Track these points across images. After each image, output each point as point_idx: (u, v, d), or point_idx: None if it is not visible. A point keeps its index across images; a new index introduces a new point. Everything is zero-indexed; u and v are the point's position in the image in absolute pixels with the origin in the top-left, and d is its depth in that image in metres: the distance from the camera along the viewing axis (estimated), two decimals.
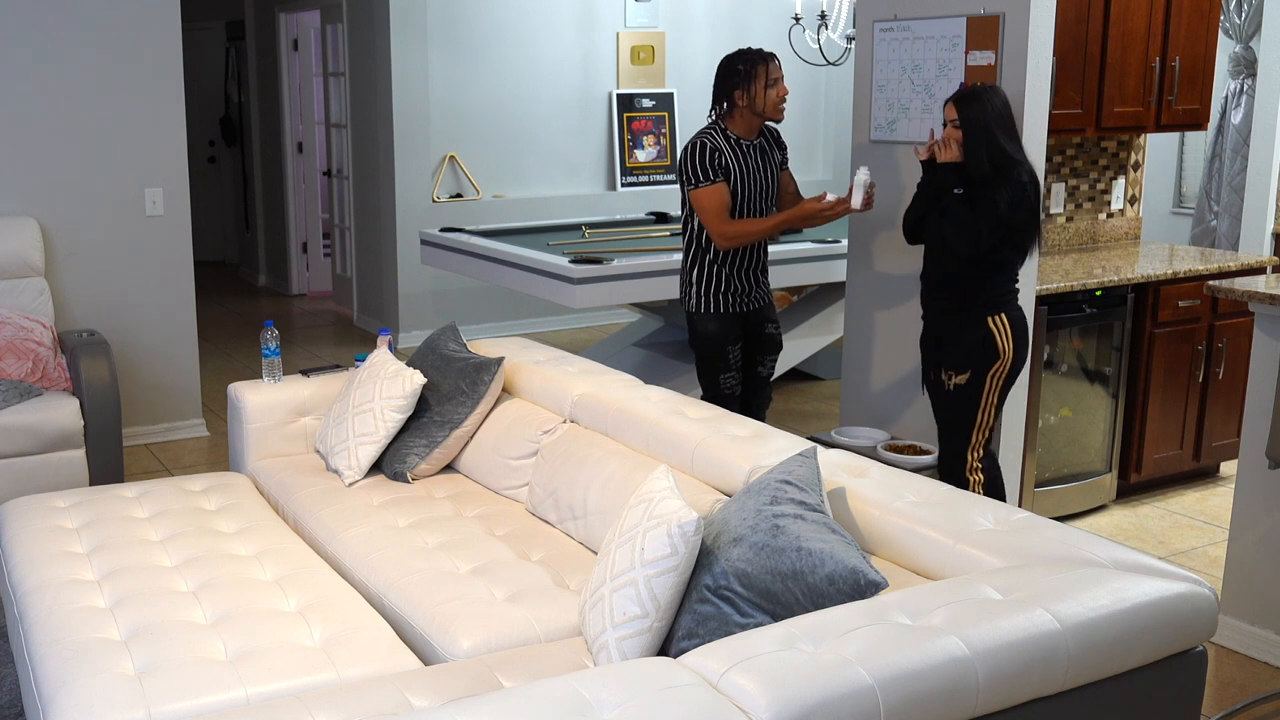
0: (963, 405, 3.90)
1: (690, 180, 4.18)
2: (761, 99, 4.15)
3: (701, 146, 4.15)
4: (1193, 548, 4.56)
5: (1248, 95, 7.51)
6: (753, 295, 4.34)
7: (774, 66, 4.16)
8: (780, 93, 4.17)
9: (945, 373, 3.94)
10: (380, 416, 3.67)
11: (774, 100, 4.16)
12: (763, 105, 4.15)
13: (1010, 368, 3.87)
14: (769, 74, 4.14)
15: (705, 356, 4.33)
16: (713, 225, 4.15)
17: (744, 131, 4.22)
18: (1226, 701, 3.45)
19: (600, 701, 1.81)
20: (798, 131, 9.12)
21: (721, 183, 4.14)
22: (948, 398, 3.95)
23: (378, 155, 8.07)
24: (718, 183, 4.14)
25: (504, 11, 8.04)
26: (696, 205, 4.17)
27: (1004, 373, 3.87)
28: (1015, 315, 3.86)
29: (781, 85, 4.18)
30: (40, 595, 2.84)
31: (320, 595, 2.86)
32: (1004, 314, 3.83)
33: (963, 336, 3.88)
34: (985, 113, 3.72)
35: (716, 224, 4.14)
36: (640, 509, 2.44)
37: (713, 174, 4.13)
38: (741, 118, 4.20)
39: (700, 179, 4.14)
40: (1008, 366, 3.86)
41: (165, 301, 5.69)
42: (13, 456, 4.39)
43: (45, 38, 5.26)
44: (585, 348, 7.27)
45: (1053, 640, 2.03)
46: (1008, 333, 3.83)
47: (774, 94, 4.16)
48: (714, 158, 4.14)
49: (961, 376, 3.89)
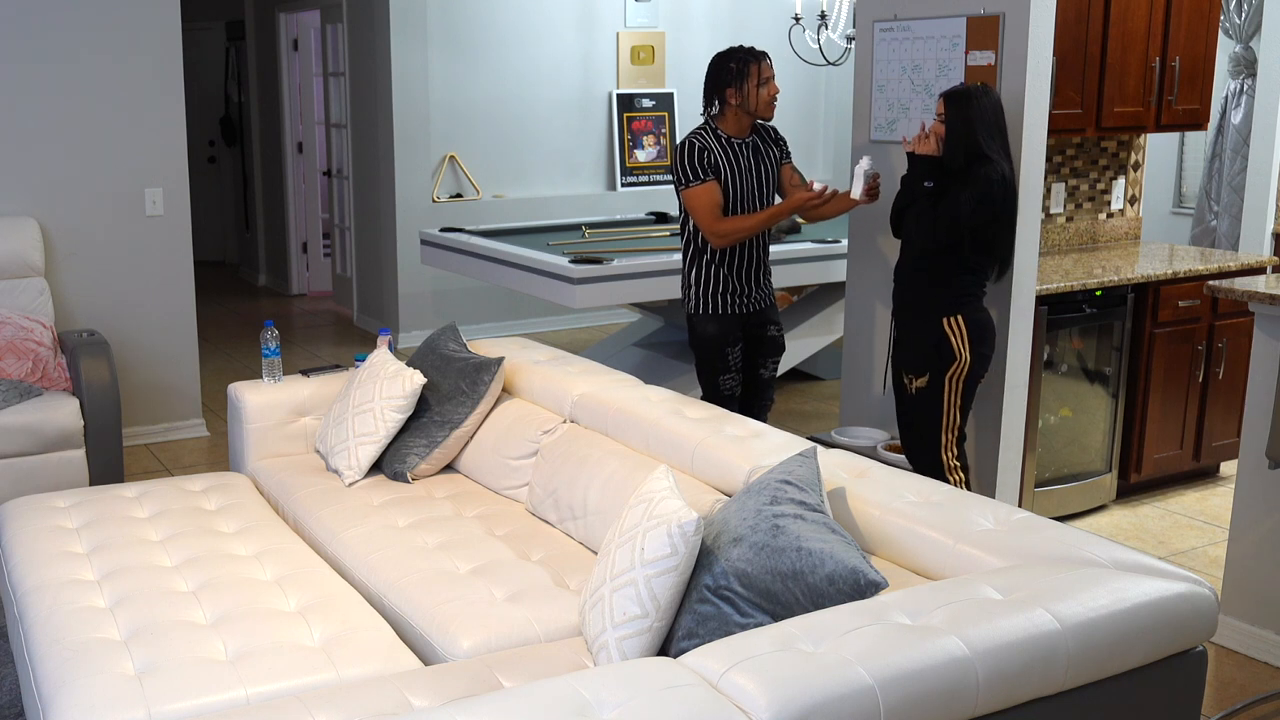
0: (927, 408, 3.92)
1: (681, 180, 4.18)
2: (754, 98, 4.15)
3: (690, 146, 4.16)
4: (1193, 548, 4.56)
5: (1248, 95, 7.51)
6: (753, 297, 4.33)
7: (765, 65, 4.16)
8: (771, 91, 4.17)
9: (906, 376, 3.96)
10: (380, 416, 3.67)
11: (765, 99, 4.16)
12: (754, 104, 4.16)
13: (969, 370, 3.86)
14: (761, 72, 4.14)
15: (704, 357, 4.32)
16: (705, 224, 4.15)
17: (735, 130, 4.22)
18: (1226, 701, 3.45)
19: (600, 701, 1.82)
20: (798, 131, 9.12)
21: (712, 181, 4.14)
22: (911, 401, 3.97)
23: (378, 155, 8.07)
24: (708, 181, 4.13)
25: (504, 11, 8.04)
26: (688, 205, 4.17)
27: (962, 375, 3.86)
28: (975, 317, 3.85)
29: (773, 84, 4.18)
30: (40, 595, 2.84)
31: (320, 595, 2.86)
32: (960, 315, 3.83)
33: (918, 338, 3.91)
34: (972, 112, 3.74)
35: (708, 222, 4.14)
36: (640, 509, 2.44)
37: (702, 173, 4.13)
38: (733, 117, 4.19)
39: (690, 179, 4.14)
40: (965, 369, 3.85)
41: (165, 301, 5.68)
42: (13, 456, 4.39)
43: (45, 38, 5.26)
44: (585, 348, 7.27)
45: (1053, 640, 2.03)
46: (963, 334, 3.83)
47: (765, 93, 4.16)
48: (703, 157, 4.14)
49: (921, 380, 3.90)
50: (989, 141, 3.76)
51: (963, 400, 3.91)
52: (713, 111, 4.23)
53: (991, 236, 3.83)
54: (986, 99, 3.78)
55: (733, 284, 4.27)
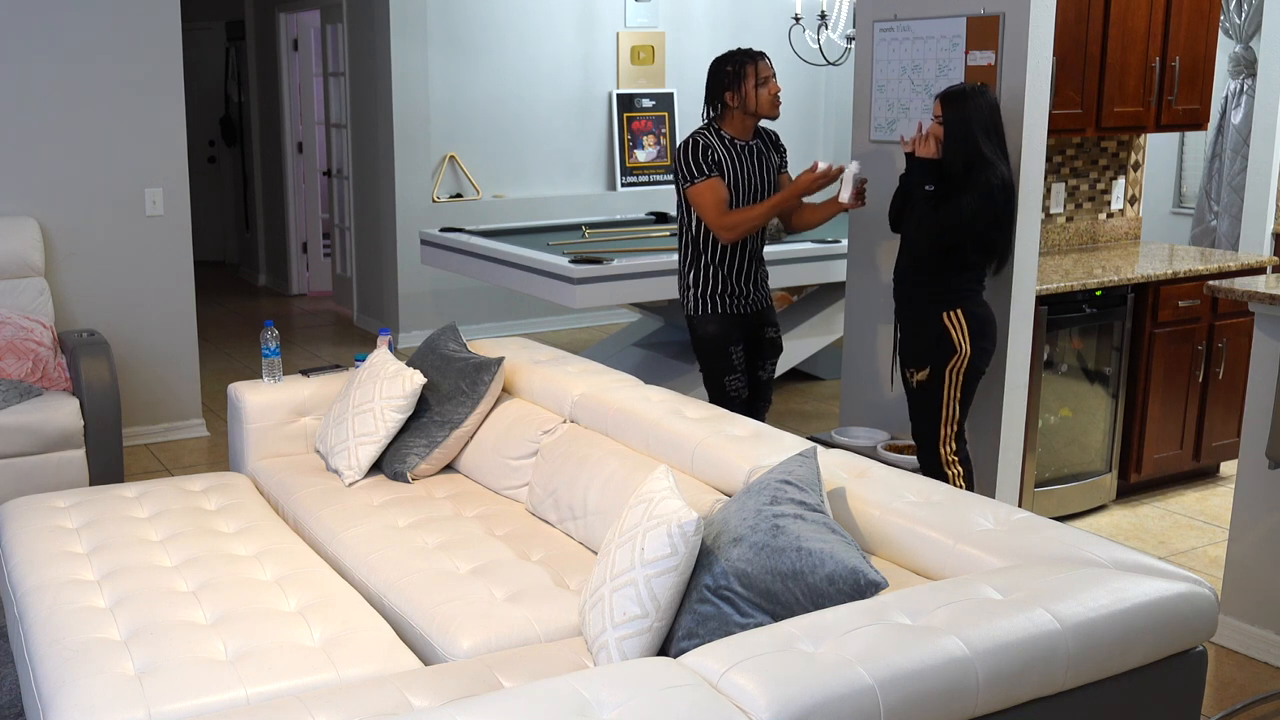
0: (927, 401, 3.94)
1: (685, 177, 4.16)
2: (753, 98, 4.13)
3: (694, 144, 4.15)
4: (1193, 548, 4.56)
5: (1248, 95, 7.51)
6: (751, 299, 4.33)
7: (764, 65, 4.15)
8: (772, 90, 4.15)
9: (907, 369, 3.98)
10: (380, 416, 3.67)
11: (766, 99, 4.15)
12: (755, 105, 4.14)
13: (969, 363, 3.88)
14: (759, 73, 4.12)
15: (709, 359, 4.32)
16: (711, 219, 4.14)
17: (739, 132, 4.21)
18: (1226, 701, 3.45)
19: (600, 701, 1.81)
20: (798, 131, 9.13)
21: (716, 177, 4.13)
22: (913, 394, 4.00)
23: (378, 155, 8.07)
24: (712, 177, 4.13)
25: (504, 11, 8.04)
26: (694, 201, 4.17)
27: (962, 368, 3.87)
28: (975, 311, 3.87)
29: (773, 83, 4.16)
30: (40, 595, 2.84)
31: (320, 595, 2.86)
32: (960, 309, 3.85)
33: (920, 332, 3.93)
34: (969, 112, 3.74)
35: (715, 217, 4.13)
36: (640, 509, 2.44)
37: (707, 169, 4.12)
38: (735, 119, 4.19)
39: (695, 175, 4.14)
40: (965, 362, 3.87)
41: (165, 301, 5.69)
42: (13, 456, 4.39)
43: (45, 38, 5.26)
44: (585, 348, 7.27)
45: (1053, 640, 2.03)
46: (963, 328, 3.84)
47: (765, 92, 4.14)
48: (706, 153, 4.13)
49: (922, 373, 3.92)
50: (986, 142, 3.76)
51: (962, 394, 3.92)
52: (714, 115, 4.23)
53: (992, 239, 3.85)
54: (983, 99, 3.78)
55: (730, 285, 4.27)
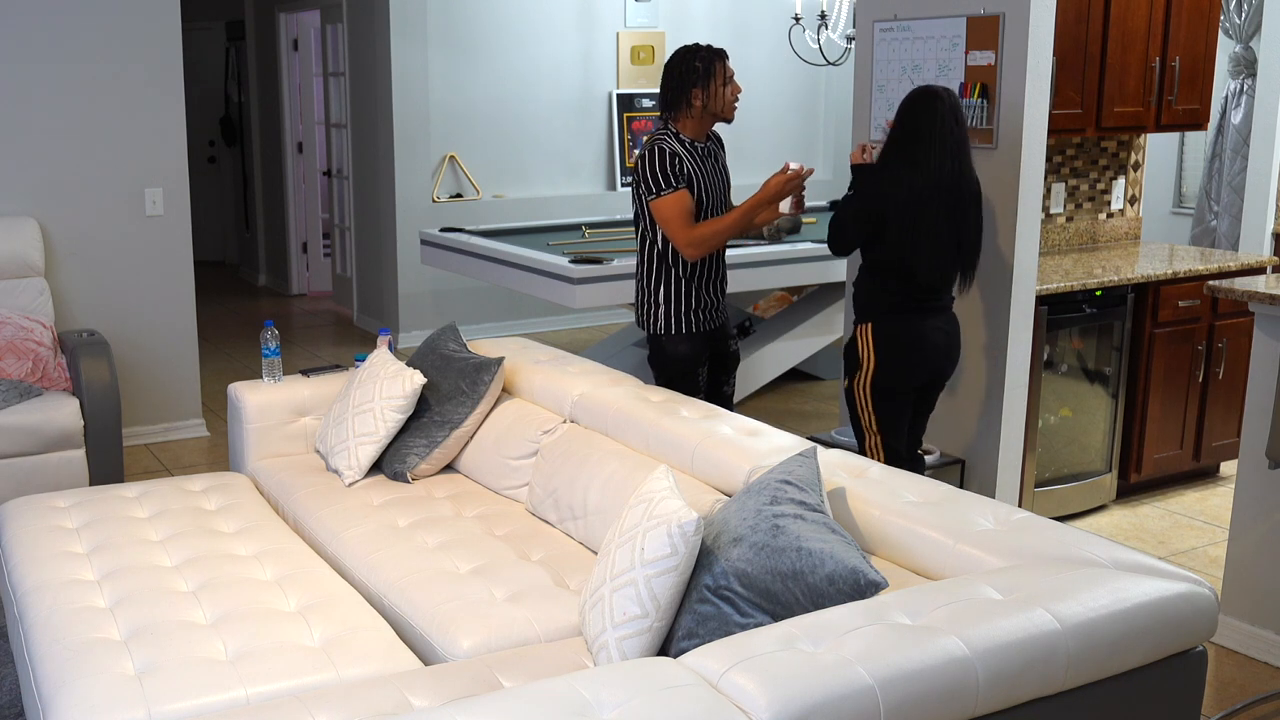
0: (851, 409, 3.89)
1: (650, 189, 3.87)
2: (719, 98, 3.91)
3: (660, 153, 3.86)
4: (1193, 548, 4.56)
5: (1248, 95, 7.51)
6: (718, 310, 4.10)
7: (728, 64, 3.94)
8: (735, 91, 3.95)
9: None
10: (380, 416, 3.67)
11: (729, 100, 3.93)
12: (719, 105, 3.92)
13: (874, 379, 3.76)
14: (724, 71, 3.92)
15: (675, 382, 4.00)
16: (678, 234, 3.86)
17: (694, 134, 3.94)
18: (1226, 701, 3.45)
19: (600, 701, 1.82)
20: (797, 131, 9.14)
21: (684, 189, 3.85)
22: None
23: (378, 155, 8.07)
24: (680, 189, 3.84)
25: (504, 11, 8.04)
26: (658, 215, 3.87)
27: (866, 383, 3.78)
28: (885, 328, 3.73)
29: (735, 83, 3.96)
30: (40, 595, 2.84)
31: (320, 595, 2.86)
32: (870, 324, 3.75)
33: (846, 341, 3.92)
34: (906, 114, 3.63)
35: (682, 232, 3.85)
36: (640, 509, 2.44)
37: (675, 180, 3.84)
38: (695, 119, 3.92)
39: (661, 186, 3.84)
40: (868, 378, 3.77)
41: (165, 301, 5.69)
42: (13, 456, 4.39)
43: (45, 38, 5.26)
44: (585, 348, 7.27)
45: (1053, 640, 2.03)
46: (869, 343, 3.75)
47: (729, 93, 3.92)
48: (674, 163, 3.84)
49: (846, 380, 3.90)
50: (910, 147, 3.59)
51: (875, 410, 3.79)
52: (671, 115, 3.94)
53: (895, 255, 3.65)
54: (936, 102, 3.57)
55: (704, 298, 4.02)
